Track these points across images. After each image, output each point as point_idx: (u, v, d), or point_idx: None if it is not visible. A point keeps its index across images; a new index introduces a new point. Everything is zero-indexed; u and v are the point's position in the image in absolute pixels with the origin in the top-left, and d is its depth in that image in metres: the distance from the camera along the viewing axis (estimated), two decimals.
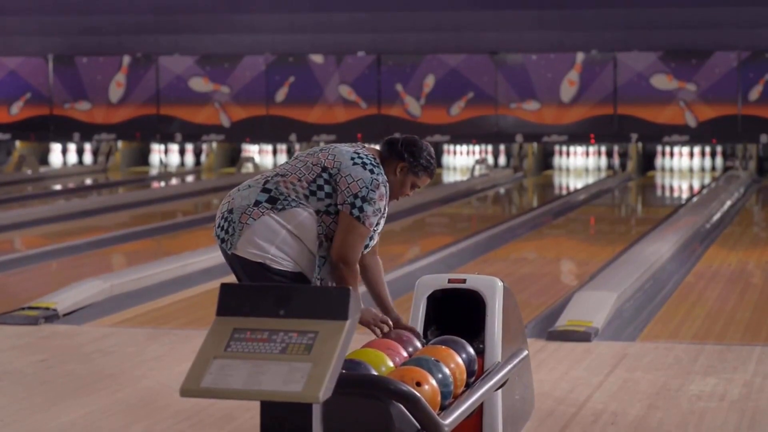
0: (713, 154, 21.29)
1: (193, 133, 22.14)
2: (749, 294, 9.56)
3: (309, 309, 3.89)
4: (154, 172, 22.52)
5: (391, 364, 4.64)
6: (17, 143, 23.01)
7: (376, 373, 4.52)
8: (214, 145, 22.40)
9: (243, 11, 22.04)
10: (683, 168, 21.22)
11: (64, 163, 23.14)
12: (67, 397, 6.30)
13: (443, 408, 4.56)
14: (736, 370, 6.83)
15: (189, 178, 21.60)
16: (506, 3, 21.30)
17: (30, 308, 8.46)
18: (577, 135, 20.99)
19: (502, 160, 22.01)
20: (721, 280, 10.13)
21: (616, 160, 21.48)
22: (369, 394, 4.32)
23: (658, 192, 19.62)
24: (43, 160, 23.11)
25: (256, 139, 22.14)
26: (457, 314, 5.35)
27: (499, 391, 5.16)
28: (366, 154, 5.07)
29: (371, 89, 21.43)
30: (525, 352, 5.49)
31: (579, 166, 21.56)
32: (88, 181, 21.24)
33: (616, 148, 21.46)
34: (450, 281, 5.37)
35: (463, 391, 4.81)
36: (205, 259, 10.55)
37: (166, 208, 16.58)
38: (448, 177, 21.11)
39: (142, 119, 22.22)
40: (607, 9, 21.06)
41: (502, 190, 19.40)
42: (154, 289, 9.66)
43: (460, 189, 18.57)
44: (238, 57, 21.81)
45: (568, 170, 21.59)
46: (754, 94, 20.45)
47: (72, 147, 23.10)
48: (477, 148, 21.87)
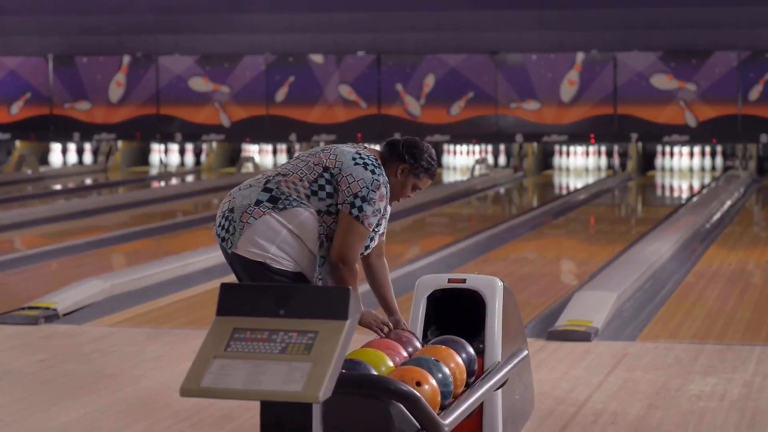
0: (713, 154, 21.29)
1: (193, 133, 22.13)
2: (749, 294, 9.56)
3: (309, 309, 3.89)
4: (154, 171, 22.52)
5: (391, 364, 4.64)
6: (17, 143, 23.00)
7: (376, 373, 4.52)
8: (214, 144, 22.40)
9: (243, 11, 22.03)
10: (683, 168, 21.21)
11: (64, 162, 23.13)
12: (67, 397, 6.30)
13: (443, 408, 4.56)
14: (736, 370, 6.83)
15: (189, 178, 21.59)
16: (506, 3, 21.30)
17: (30, 308, 8.46)
18: (577, 135, 20.98)
19: (502, 159, 22.01)
20: (721, 280, 10.13)
21: (616, 160, 21.47)
22: (369, 394, 4.32)
23: (658, 192, 19.61)
24: (43, 159, 23.10)
25: (256, 139, 22.13)
26: (457, 314, 5.35)
27: (499, 390, 5.16)
28: (367, 155, 5.07)
29: (371, 89, 21.42)
30: (525, 352, 5.49)
31: (579, 165, 21.56)
32: (88, 181, 21.24)
33: (616, 148, 21.46)
34: (450, 281, 5.37)
35: (463, 391, 4.81)
36: (205, 258, 10.56)
37: (166, 208, 16.57)
38: (448, 177, 21.10)
39: (142, 119, 22.21)
40: (607, 9, 21.05)
41: (502, 190, 19.39)
42: (154, 289, 9.66)
43: (460, 189, 18.55)
44: (238, 57, 21.80)
45: (568, 170, 21.58)
46: (754, 93, 20.45)
47: (72, 147, 23.09)
48: (477, 147, 21.86)
